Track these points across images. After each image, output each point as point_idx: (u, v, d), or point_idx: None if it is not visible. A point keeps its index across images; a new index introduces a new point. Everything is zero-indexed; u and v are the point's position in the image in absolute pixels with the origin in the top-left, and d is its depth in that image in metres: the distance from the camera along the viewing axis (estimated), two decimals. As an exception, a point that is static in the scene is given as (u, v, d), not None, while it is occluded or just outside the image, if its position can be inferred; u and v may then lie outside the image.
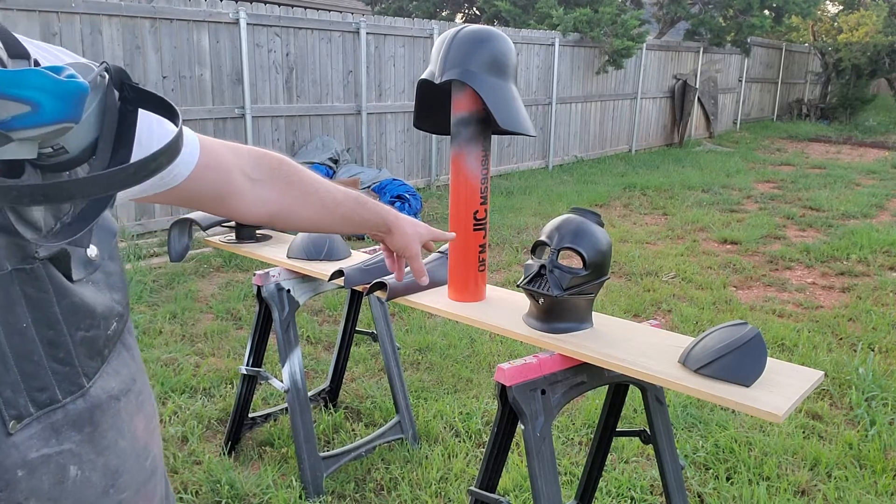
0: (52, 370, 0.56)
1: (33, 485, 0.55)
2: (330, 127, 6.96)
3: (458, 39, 1.44)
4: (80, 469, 0.59)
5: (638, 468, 2.50)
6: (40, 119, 0.49)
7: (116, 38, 5.24)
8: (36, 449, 0.55)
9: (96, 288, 0.61)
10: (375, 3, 13.23)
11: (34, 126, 0.50)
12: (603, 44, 9.91)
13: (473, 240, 1.56)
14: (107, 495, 0.61)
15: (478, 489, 1.49)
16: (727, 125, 14.75)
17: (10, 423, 0.53)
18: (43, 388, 0.55)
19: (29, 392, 0.54)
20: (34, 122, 0.50)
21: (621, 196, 7.84)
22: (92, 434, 0.60)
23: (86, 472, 0.59)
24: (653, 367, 1.29)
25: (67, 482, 0.57)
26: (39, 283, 0.55)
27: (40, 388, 0.55)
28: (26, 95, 0.49)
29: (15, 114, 0.49)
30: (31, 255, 0.54)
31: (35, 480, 0.55)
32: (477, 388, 3.08)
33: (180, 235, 2.08)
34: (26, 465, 0.54)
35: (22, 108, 0.49)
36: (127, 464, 0.64)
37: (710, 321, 3.94)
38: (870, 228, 6.17)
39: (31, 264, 0.54)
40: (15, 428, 0.53)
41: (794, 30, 18.41)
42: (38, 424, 0.55)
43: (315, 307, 4.09)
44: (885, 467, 2.52)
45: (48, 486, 0.56)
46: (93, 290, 0.61)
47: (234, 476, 2.33)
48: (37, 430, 0.55)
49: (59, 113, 0.50)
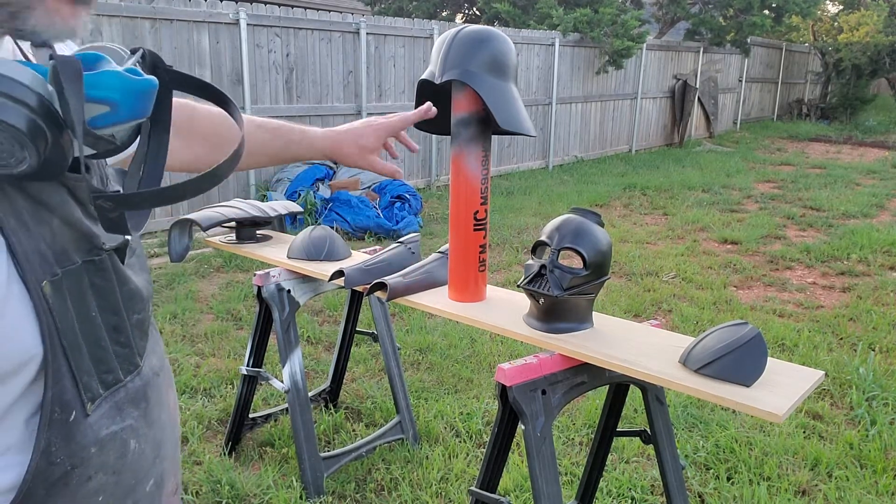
0: (115, 353, 0.61)
1: (102, 460, 0.59)
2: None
3: (458, 40, 1.44)
4: (138, 442, 0.64)
5: (638, 468, 2.50)
6: (118, 117, 0.53)
7: (116, 38, 5.24)
8: (106, 427, 0.59)
9: (134, 271, 0.65)
10: (375, 4, 13.23)
11: (113, 124, 0.53)
12: (603, 44, 9.91)
13: (474, 240, 1.56)
14: (154, 465, 0.66)
15: (478, 489, 1.49)
16: (727, 125, 14.74)
17: (87, 405, 0.57)
18: (109, 370, 0.60)
19: (99, 374, 0.59)
20: (113, 120, 0.53)
21: (621, 196, 7.84)
22: (146, 409, 0.65)
23: (141, 444, 0.64)
24: (653, 367, 1.29)
25: (128, 455, 0.62)
26: (105, 273, 0.59)
27: (107, 370, 0.60)
28: (106, 96, 0.52)
29: (96, 114, 0.52)
30: (98, 246, 0.58)
31: (104, 456, 0.59)
32: (477, 389, 3.08)
33: (180, 236, 2.08)
34: (98, 443, 0.58)
35: (102, 109, 0.52)
36: (166, 434, 0.69)
37: (711, 321, 3.94)
38: (870, 228, 6.17)
39: (98, 255, 0.58)
40: (91, 409, 0.57)
41: (795, 29, 18.42)
42: (106, 404, 0.60)
43: (315, 307, 4.09)
44: (886, 467, 2.51)
45: (113, 460, 0.60)
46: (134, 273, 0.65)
47: (235, 476, 2.33)
48: (105, 410, 0.59)
49: (134, 110, 0.54)
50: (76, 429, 0.56)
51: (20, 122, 0.46)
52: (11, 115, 0.46)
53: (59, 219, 0.55)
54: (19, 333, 0.51)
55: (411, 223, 5.94)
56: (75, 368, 0.55)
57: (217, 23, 5.86)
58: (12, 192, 0.51)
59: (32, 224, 0.52)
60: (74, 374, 0.55)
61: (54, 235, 0.54)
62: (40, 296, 0.52)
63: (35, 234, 0.52)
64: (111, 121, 0.53)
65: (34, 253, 0.52)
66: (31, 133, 0.47)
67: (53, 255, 0.54)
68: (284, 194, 6.07)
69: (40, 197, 0.53)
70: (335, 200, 5.96)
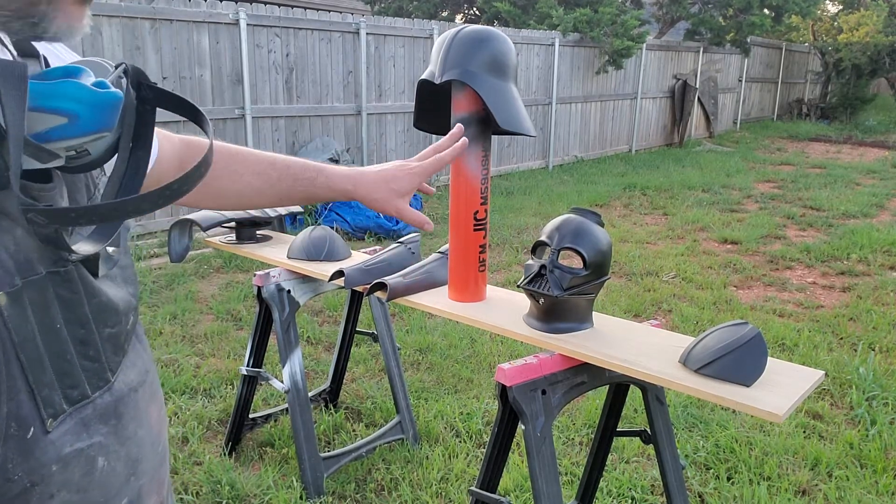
0: (82, 367, 0.58)
1: (66, 478, 0.57)
2: (330, 127, 6.96)
3: (458, 40, 1.44)
4: (107, 460, 0.61)
5: (638, 468, 2.50)
6: (77, 130, 0.51)
7: (116, 38, 5.24)
8: (69, 444, 0.57)
9: (114, 283, 0.63)
10: (375, 4, 13.23)
11: (71, 137, 0.51)
12: (603, 44, 9.91)
13: (473, 240, 1.56)
14: (128, 483, 0.64)
15: (478, 489, 1.49)
16: (727, 125, 14.74)
17: (48, 421, 0.54)
18: (75, 385, 0.57)
19: (63, 389, 0.56)
20: (71, 133, 0.51)
21: (621, 196, 7.84)
22: (116, 426, 0.62)
23: (111, 462, 0.61)
24: (653, 367, 1.29)
25: (95, 473, 0.60)
26: (72, 285, 0.57)
27: (72, 385, 0.57)
28: (64, 107, 0.50)
29: (52, 126, 0.50)
30: (63, 257, 0.55)
31: (68, 473, 0.57)
32: (477, 389, 3.08)
33: (180, 236, 2.08)
34: (61, 460, 0.56)
35: (59, 120, 0.50)
36: (144, 451, 0.67)
37: (711, 321, 3.94)
38: (870, 228, 6.17)
39: (64, 266, 0.56)
40: (52, 426, 0.55)
41: (794, 29, 18.41)
42: (71, 420, 0.57)
43: (315, 308, 4.09)
44: (886, 467, 2.51)
45: (78, 478, 0.58)
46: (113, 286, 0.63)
47: (235, 477, 2.33)
48: (70, 426, 0.57)
49: (96, 123, 0.52)
50: (35, 445, 0.54)
51: None
52: None
53: (23, 228, 0.52)
54: None
55: (411, 223, 5.93)
56: (33, 383, 0.53)
57: (217, 23, 5.86)
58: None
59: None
60: (33, 388, 0.53)
61: (17, 245, 0.52)
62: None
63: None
64: (69, 133, 0.51)
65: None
66: None
67: (15, 265, 0.51)
68: (284, 194, 6.06)
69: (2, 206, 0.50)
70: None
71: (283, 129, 6.54)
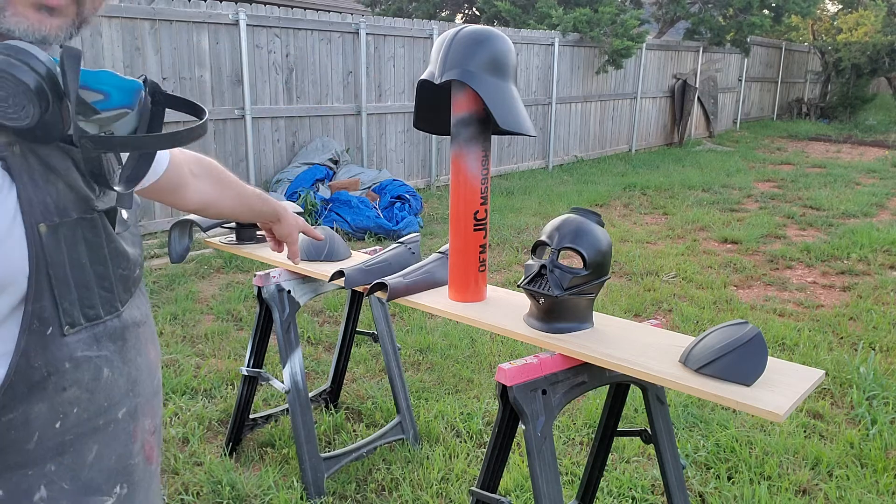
0: (99, 295, 0.76)
1: (77, 377, 0.73)
2: (330, 128, 6.96)
3: (457, 40, 1.44)
4: (111, 372, 0.78)
5: (639, 468, 2.50)
6: (110, 105, 0.71)
7: (116, 39, 5.24)
8: (81, 350, 0.73)
9: (125, 241, 0.82)
10: (375, 4, 13.24)
11: (105, 110, 0.71)
12: (603, 44, 9.91)
13: (473, 240, 1.56)
14: (127, 397, 0.80)
15: (479, 489, 1.49)
16: (727, 124, 14.75)
17: (65, 327, 0.72)
18: (92, 307, 0.75)
19: (82, 308, 0.73)
20: (105, 106, 0.70)
21: (621, 196, 7.84)
22: (122, 347, 0.79)
23: (115, 375, 0.78)
24: (654, 367, 1.29)
25: (101, 380, 0.76)
26: (96, 230, 0.75)
27: (90, 307, 0.75)
28: (102, 88, 0.70)
29: (93, 100, 0.70)
30: (92, 207, 0.74)
31: (78, 374, 0.73)
32: (478, 389, 3.08)
33: (180, 237, 2.08)
34: (72, 360, 0.73)
35: (98, 97, 0.70)
36: (142, 377, 0.83)
37: (711, 321, 3.94)
38: (870, 227, 6.17)
39: (91, 214, 0.74)
40: (69, 331, 0.72)
41: (794, 29, 18.42)
42: (86, 332, 0.74)
43: (316, 308, 4.09)
44: (887, 466, 2.51)
45: (87, 380, 0.74)
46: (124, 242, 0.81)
47: (236, 477, 2.33)
48: (83, 337, 0.74)
49: (122, 101, 0.71)
50: (51, 342, 0.70)
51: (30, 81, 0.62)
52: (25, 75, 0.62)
53: (64, 182, 0.71)
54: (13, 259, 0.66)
55: (411, 223, 5.94)
56: (58, 296, 0.70)
57: (217, 23, 5.86)
58: (30, 157, 0.68)
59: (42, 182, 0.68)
60: (56, 299, 0.70)
61: (59, 194, 0.70)
62: (35, 233, 0.67)
63: (42, 190, 0.68)
64: (104, 106, 0.70)
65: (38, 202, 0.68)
66: (37, 92, 0.63)
67: (56, 209, 0.69)
68: (284, 195, 6.07)
69: (51, 163, 0.69)
70: (335, 201, 5.96)
71: (283, 129, 6.54)
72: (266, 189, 6.28)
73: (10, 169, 0.66)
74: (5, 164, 0.66)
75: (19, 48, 0.63)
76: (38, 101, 0.63)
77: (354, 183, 6.43)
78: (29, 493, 0.71)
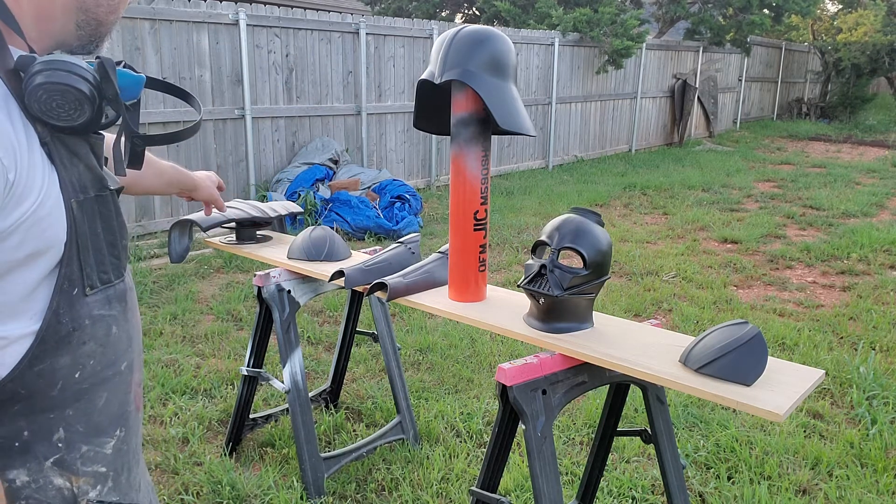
0: (110, 262, 0.87)
1: (94, 332, 0.85)
2: (330, 127, 6.96)
3: (457, 40, 1.44)
4: (118, 329, 0.89)
5: (639, 468, 2.50)
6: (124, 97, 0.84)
7: (116, 39, 5.24)
8: (97, 309, 0.85)
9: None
10: (375, 4, 13.24)
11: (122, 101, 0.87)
12: (603, 44, 9.91)
13: (473, 240, 1.56)
14: (126, 353, 0.92)
15: (479, 489, 1.49)
16: (727, 124, 14.74)
17: (87, 288, 0.83)
18: (105, 272, 0.86)
19: (98, 273, 0.85)
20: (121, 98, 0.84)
21: (621, 196, 7.84)
22: (125, 308, 0.91)
23: (119, 332, 0.90)
24: (654, 367, 1.29)
25: (111, 336, 0.88)
26: (108, 206, 0.86)
27: (104, 272, 0.86)
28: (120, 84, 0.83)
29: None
30: (106, 186, 0.86)
31: (95, 329, 0.85)
32: (478, 389, 3.08)
33: (180, 236, 2.08)
34: (91, 318, 0.84)
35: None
36: (135, 336, 0.96)
37: (711, 320, 3.94)
38: (870, 227, 6.17)
39: (104, 192, 0.86)
40: (89, 292, 0.84)
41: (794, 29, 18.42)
42: (101, 294, 0.86)
43: (315, 308, 4.09)
44: (887, 466, 2.52)
45: (101, 336, 0.86)
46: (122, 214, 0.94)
47: (236, 477, 2.33)
48: (100, 297, 0.86)
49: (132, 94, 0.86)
50: (77, 301, 0.82)
51: (85, 89, 0.77)
52: (82, 85, 0.77)
53: (84, 165, 0.83)
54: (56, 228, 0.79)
55: (411, 223, 5.93)
56: (82, 261, 0.82)
57: (217, 23, 5.86)
58: (58, 144, 0.80)
59: (69, 165, 0.81)
60: (81, 264, 0.82)
61: (80, 175, 0.82)
62: (70, 208, 0.80)
63: (70, 171, 0.81)
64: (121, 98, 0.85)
65: (69, 182, 0.80)
66: (90, 98, 0.78)
67: (80, 187, 0.82)
68: (284, 195, 6.07)
69: (74, 149, 0.82)
70: (335, 201, 5.96)
71: (282, 129, 6.54)
72: (266, 189, 6.28)
73: (51, 154, 0.79)
74: (48, 150, 0.79)
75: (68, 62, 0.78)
76: (90, 104, 0.78)
77: (354, 183, 6.43)
78: (49, 434, 0.82)
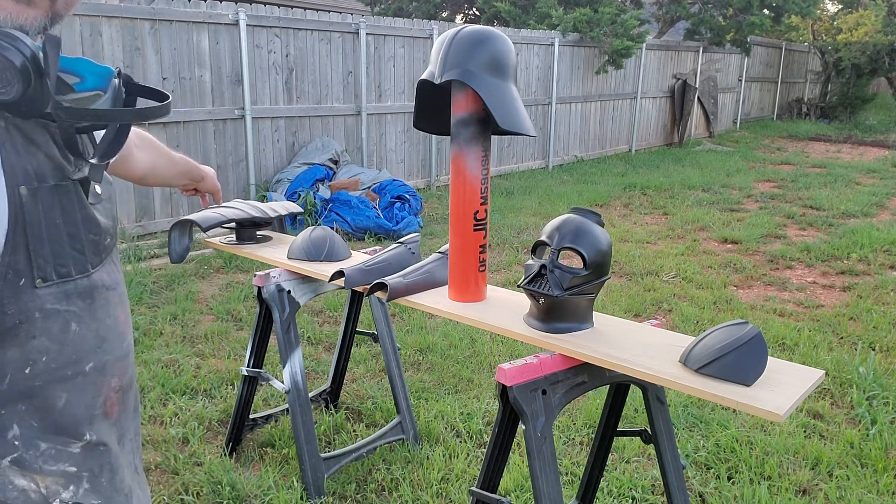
0: (70, 255, 0.82)
1: (46, 326, 0.80)
2: (330, 128, 6.96)
3: (457, 40, 1.44)
4: (79, 326, 0.84)
5: (639, 468, 2.50)
6: (85, 86, 0.82)
7: (116, 39, 5.24)
8: (51, 303, 0.80)
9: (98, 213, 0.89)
10: (375, 4, 13.24)
11: (81, 91, 0.82)
12: (603, 44, 9.91)
13: (473, 240, 1.56)
14: (95, 353, 0.87)
15: (479, 489, 1.49)
16: (727, 124, 14.74)
17: (37, 280, 0.78)
18: (63, 265, 0.81)
19: (54, 265, 0.80)
20: (82, 87, 0.82)
21: (621, 196, 7.84)
22: (90, 305, 0.86)
23: (82, 330, 0.84)
24: (654, 367, 1.29)
25: (69, 333, 0.83)
26: (70, 197, 0.82)
27: (62, 265, 0.81)
28: (79, 71, 0.81)
29: (72, 82, 0.81)
30: (67, 176, 0.81)
31: (48, 323, 0.80)
32: (478, 389, 3.08)
33: (180, 236, 2.08)
34: (42, 311, 0.79)
35: (75, 79, 0.81)
36: (110, 336, 0.90)
37: (711, 321, 3.94)
38: (870, 227, 6.17)
39: (66, 181, 0.81)
40: (40, 284, 0.79)
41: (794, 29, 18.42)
42: (56, 288, 0.81)
43: (315, 308, 4.09)
44: (887, 466, 2.51)
45: (56, 331, 0.81)
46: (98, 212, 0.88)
47: (236, 477, 2.33)
48: (54, 291, 0.80)
49: (96, 84, 0.83)
50: (23, 292, 0.77)
51: (16, 60, 0.70)
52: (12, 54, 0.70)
53: (43, 153, 0.79)
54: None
55: (411, 223, 5.93)
56: (33, 252, 0.77)
57: (217, 23, 5.86)
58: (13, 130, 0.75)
59: (23, 152, 0.76)
60: (31, 254, 0.77)
61: (38, 163, 0.78)
62: (15, 194, 0.75)
63: (24, 158, 0.76)
64: (80, 87, 0.82)
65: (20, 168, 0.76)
66: (22, 70, 0.70)
67: (35, 175, 0.77)
68: (284, 195, 6.07)
69: (32, 137, 0.77)
70: (335, 201, 5.96)
71: (282, 129, 6.54)
72: (266, 189, 6.28)
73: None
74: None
75: (6, 32, 0.71)
76: (22, 78, 0.71)
77: (354, 183, 6.43)
78: (4, 431, 0.79)
